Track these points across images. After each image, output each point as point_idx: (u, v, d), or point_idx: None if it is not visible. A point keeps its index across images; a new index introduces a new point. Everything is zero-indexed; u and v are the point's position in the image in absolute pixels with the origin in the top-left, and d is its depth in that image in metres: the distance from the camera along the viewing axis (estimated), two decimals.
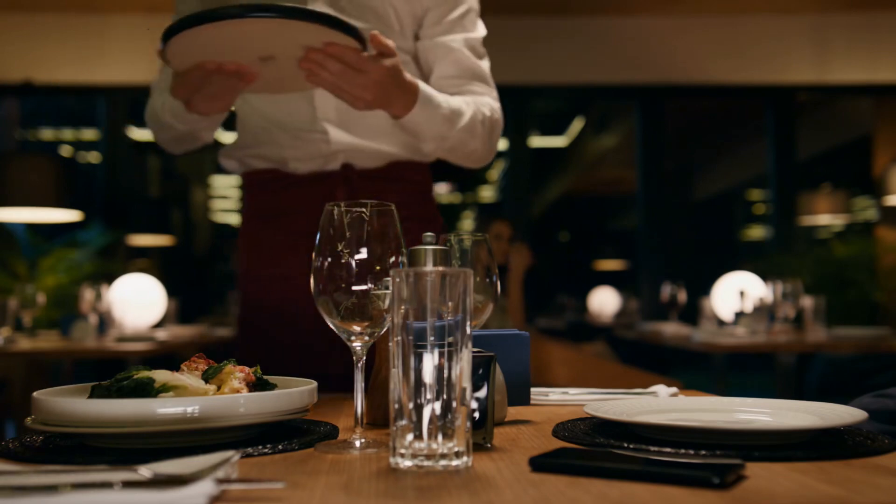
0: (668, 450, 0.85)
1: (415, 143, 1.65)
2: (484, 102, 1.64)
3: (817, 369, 4.51)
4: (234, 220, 10.33)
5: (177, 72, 1.43)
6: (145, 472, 0.66)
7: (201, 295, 8.61)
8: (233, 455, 0.72)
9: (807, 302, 4.03)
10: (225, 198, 10.99)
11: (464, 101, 1.59)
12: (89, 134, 8.53)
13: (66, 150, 8.80)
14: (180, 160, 10.41)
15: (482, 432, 0.90)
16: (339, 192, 1.60)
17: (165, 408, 0.85)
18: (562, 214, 12.77)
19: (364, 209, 0.91)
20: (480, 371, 0.90)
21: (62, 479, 0.66)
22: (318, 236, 0.92)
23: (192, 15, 1.26)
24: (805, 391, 4.51)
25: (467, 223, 12.54)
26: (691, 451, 0.83)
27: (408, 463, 0.77)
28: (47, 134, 8.82)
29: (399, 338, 0.78)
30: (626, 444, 0.88)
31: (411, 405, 0.77)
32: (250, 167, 1.69)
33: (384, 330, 0.93)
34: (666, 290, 4.49)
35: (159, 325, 4.52)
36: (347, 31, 1.31)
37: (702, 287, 4.83)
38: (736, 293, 4.25)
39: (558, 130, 11.32)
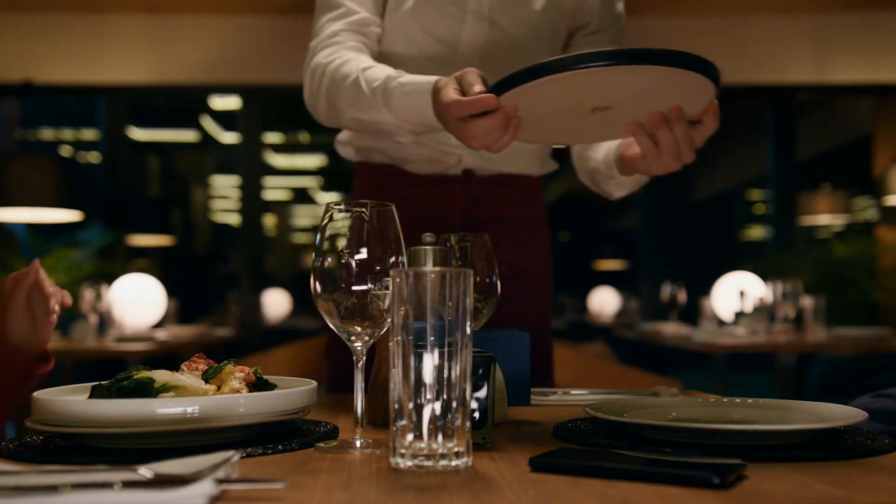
0: (668, 450, 0.85)
1: (544, 163, 1.69)
2: None
3: (817, 369, 4.51)
4: (233, 220, 10.33)
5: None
6: (145, 472, 0.66)
7: (201, 295, 8.62)
8: (233, 455, 0.72)
9: (807, 302, 4.03)
10: (225, 198, 10.99)
11: None
12: (89, 134, 8.53)
13: (66, 150, 8.80)
14: (180, 160, 10.43)
15: (482, 432, 0.90)
16: (458, 194, 1.60)
17: (165, 408, 0.85)
18: (562, 214, 12.77)
19: (364, 209, 0.91)
20: (480, 371, 0.90)
21: (62, 479, 0.66)
22: (317, 236, 0.92)
23: (550, 62, 1.06)
24: (805, 391, 4.51)
25: None
26: (691, 451, 0.83)
27: (408, 463, 0.77)
28: (47, 134, 8.82)
29: (399, 338, 0.78)
30: (626, 444, 0.88)
31: (411, 405, 0.77)
32: (369, 160, 1.66)
33: (384, 330, 0.93)
34: (666, 290, 4.49)
35: (159, 325, 4.52)
36: (708, 73, 1.08)
37: (702, 287, 4.83)
38: (736, 293, 4.24)
39: None
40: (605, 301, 7.67)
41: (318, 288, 0.91)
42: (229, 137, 9.36)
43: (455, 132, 1.18)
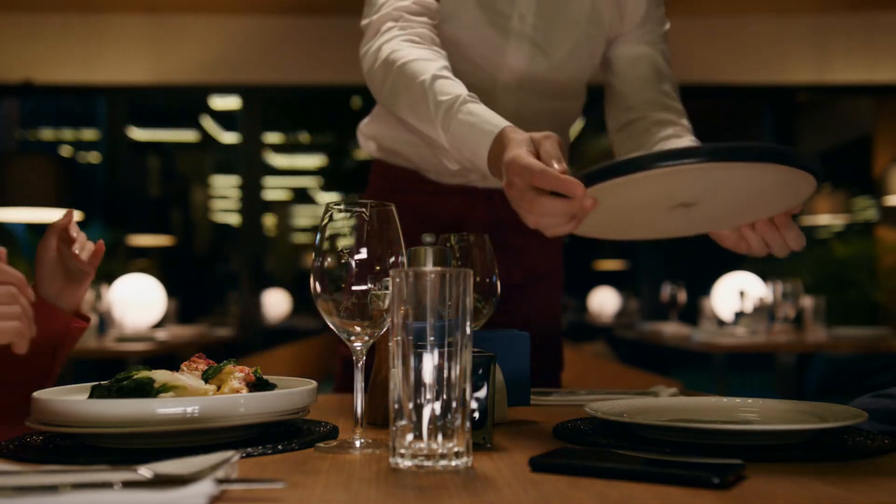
0: (668, 450, 0.85)
1: None
2: None
3: (817, 369, 4.51)
4: (234, 220, 10.33)
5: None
6: (145, 472, 0.66)
7: (201, 295, 8.62)
8: (233, 455, 0.72)
9: (807, 302, 4.03)
10: (225, 198, 10.99)
11: None
12: (89, 134, 8.53)
13: (66, 150, 8.80)
14: (180, 160, 10.42)
15: (482, 432, 0.90)
16: (479, 206, 1.57)
17: (165, 408, 0.85)
18: None
19: (364, 209, 0.91)
20: (480, 371, 0.90)
21: (62, 479, 0.66)
22: (317, 236, 0.92)
23: (647, 157, 0.94)
24: (805, 391, 4.51)
25: None
26: (691, 452, 0.83)
27: (408, 463, 0.77)
28: (47, 134, 8.82)
29: (399, 338, 0.78)
30: (626, 444, 0.88)
31: (411, 405, 0.77)
32: (390, 160, 1.62)
33: (384, 330, 0.93)
34: (666, 290, 4.49)
35: (159, 325, 4.52)
36: (815, 170, 0.98)
37: (702, 287, 4.83)
38: (736, 293, 4.25)
39: None
40: (605, 301, 7.67)
41: (318, 288, 0.91)
42: (229, 137, 9.36)
43: (516, 197, 1.03)
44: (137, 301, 4.31)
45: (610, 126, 1.57)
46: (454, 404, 0.77)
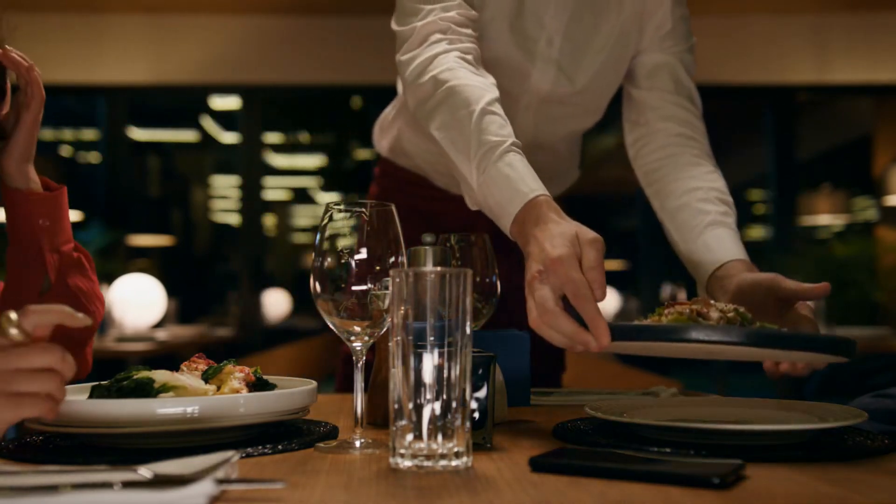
0: (668, 450, 0.85)
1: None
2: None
3: (817, 369, 4.50)
4: (234, 220, 10.33)
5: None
6: (145, 472, 0.66)
7: (201, 295, 8.62)
8: (233, 455, 0.72)
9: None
10: (225, 198, 10.99)
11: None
12: (89, 134, 8.53)
13: (66, 150, 8.80)
14: (180, 160, 10.43)
15: (482, 432, 0.90)
16: (484, 216, 1.57)
17: (165, 408, 0.85)
18: None
19: (364, 209, 0.91)
20: (480, 371, 0.90)
21: (62, 479, 0.66)
22: (317, 236, 0.92)
23: (677, 330, 0.92)
24: (805, 391, 4.51)
25: None
26: (691, 451, 0.83)
27: (408, 463, 0.77)
28: (47, 134, 8.81)
29: (399, 338, 0.78)
30: (625, 444, 0.88)
31: (411, 405, 0.77)
32: (399, 163, 1.62)
33: (384, 330, 0.93)
34: (666, 290, 4.50)
35: (159, 325, 4.53)
36: (849, 353, 0.95)
37: None
38: None
39: None
40: (605, 301, 7.66)
41: (318, 288, 0.91)
42: (229, 137, 9.35)
43: (540, 296, 0.99)
44: (137, 301, 4.31)
45: (628, 140, 1.54)
46: (454, 404, 0.77)
